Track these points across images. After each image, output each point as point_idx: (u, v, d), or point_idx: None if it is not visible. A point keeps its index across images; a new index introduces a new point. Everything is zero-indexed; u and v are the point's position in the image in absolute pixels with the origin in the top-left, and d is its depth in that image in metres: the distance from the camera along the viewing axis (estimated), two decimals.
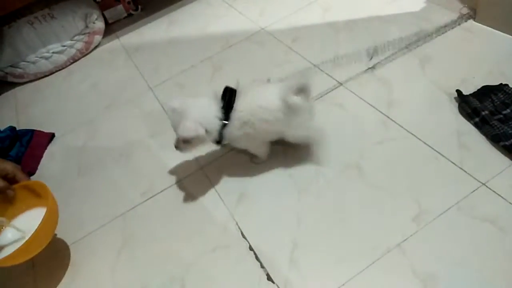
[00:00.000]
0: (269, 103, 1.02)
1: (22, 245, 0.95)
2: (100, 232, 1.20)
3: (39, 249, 0.99)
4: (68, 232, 1.22)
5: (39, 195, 1.09)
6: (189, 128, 1.00)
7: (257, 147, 1.18)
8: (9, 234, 1.06)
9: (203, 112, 1.03)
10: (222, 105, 1.05)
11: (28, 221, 1.05)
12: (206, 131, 1.02)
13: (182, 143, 1.06)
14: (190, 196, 1.22)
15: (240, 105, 1.05)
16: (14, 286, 1.13)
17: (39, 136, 1.56)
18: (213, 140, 1.08)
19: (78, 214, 1.26)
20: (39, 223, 0.96)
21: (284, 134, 1.11)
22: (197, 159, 1.31)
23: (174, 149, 1.09)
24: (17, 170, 1.09)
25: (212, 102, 1.06)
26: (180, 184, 1.26)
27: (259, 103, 1.03)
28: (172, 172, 1.30)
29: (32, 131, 1.57)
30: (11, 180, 1.08)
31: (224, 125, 1.05)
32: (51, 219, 1.03)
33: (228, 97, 1.05)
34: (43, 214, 0.99)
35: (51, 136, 1.58)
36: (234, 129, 1.06)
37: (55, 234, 1.13)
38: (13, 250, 0.94)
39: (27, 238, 0.96)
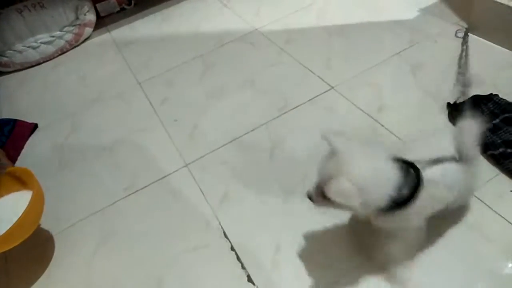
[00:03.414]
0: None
1: (7, 230, 0.91)
2: (78, 226, 1.16)
3: (25, 236, 0.96)
4: (46, 225, 1.18)
5: (23, 182, 1.07)
6: (342, 191, 0.70)
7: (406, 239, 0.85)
8: None
9: (369, 175, 0.72)
10: (401, 187, 0.73)
11: (10, 205, 1.05)
12: (362, 202, 0.70)
13: (320, 197, 0.76)
14: (173, 194, 1.19)
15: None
16: None
17: (21, 126, 1.52)
18: (362, 215, 0.79)
19: (57, 207, 1.22)
20: (22, 207, 0.94)
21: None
22: (182, 156, 1.28)
23: (307, 197, 0.81)
24: (1, 156, 1.08)
25: (389, 166, 0.74)
26: (163, 181, 1.23)
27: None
28: (156, 168, 1.27)
29: (15, 120, 1.53)
30: None
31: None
32: (37, 204, 1.01)
33: (415, 185, 0.74)
34: (26, 198, 0.98)
35: (34, 126, 1.54)
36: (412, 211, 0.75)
37: (39, 224, 1.09)
38: None
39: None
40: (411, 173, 0.75)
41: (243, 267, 0.98)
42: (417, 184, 0.74)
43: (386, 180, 0.73)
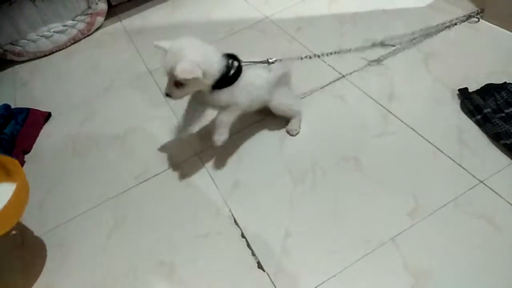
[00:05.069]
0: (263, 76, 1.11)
1: None
2: (92, 213, 1.19)
3: (4, 230, 0.91)
4: (60, 212, 1.20)
5: (8, 171, 1.02)
6: (187, 68, 0.92)
7: (233, 113, 1.11)
8: None
9: (202, 53, 0.97)
10: (229, 63, 1.03)
11: None
12: (204, 73, 0.95)
13: (175, 88, 0.99)
14: (184, 182, 1.20)
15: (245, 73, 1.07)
16: (0, 265, 1.12)
17: (34, 114, 1.55)
18: (208, 85, 1.02)
19: (71, 194, 1.25)
20: (5, 199, 0.90)
21: (269, 104, 1.17)
22: (192, 145, 1.29)
23: (165, 96, 1.04)
24: None
25: (211, 46, 1.02)
26: (175, 169, 1.25)
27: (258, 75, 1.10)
28: (167, 156, 1.29)
29: (28, 109, 1.56)
30: None
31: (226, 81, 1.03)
32: (21, 197, 0.95)
33: (238, 63, 1.06)
34: (10, 190, 0.93)
35: (47, 115, 1.57)
36: (236, 90, 1.05)
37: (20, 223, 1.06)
38: None
39: None
40: (235, 63, 1.05)
41: (253, 254, 0.99)
42: (239, 70, 1.04)
43: (215, 58, 1.01)
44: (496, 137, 1.07)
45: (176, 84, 0.99)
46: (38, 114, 1.55)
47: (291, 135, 1.23)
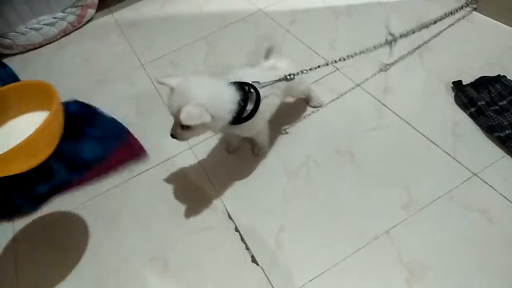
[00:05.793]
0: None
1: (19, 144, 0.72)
2: (83, 209, 1.17)
3: (43, 155, 0.80)
4: (52, 207, 1.19)
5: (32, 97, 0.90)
6: (192, 115, 0.84)
7: (263, 127, 1.09)
8: None
9: (210, 94, 0.88)
10: (244, 97, 0.94)
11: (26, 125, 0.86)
12: (213, 117, 0.87)
13: (181, 130, 0.90)
14: (177, 175, 1.19)
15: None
16: None
17: None
18: (218, 129, 0.95)
19: None
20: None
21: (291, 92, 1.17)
22: None
23: (171, 137, 0.92)
24: None
25: (221, 83, 0.93)
26: (167, 162, 1.23)
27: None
28: (160, 150, 1.27)
29: None
30: None
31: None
32: (56, 122, 0.83)
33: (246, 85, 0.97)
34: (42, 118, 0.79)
35: None
36: (254, 120, 0.97)
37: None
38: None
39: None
40: (252, 92, 0.95)
41: (247, 248, 0.99)
42: (258, 99, 0.95)
43: (226, 97, 0.91)
44: (489, 130, 1.07)
45: (182, 126, 0.89)
46: None
47: (319, 106, 1.27)
